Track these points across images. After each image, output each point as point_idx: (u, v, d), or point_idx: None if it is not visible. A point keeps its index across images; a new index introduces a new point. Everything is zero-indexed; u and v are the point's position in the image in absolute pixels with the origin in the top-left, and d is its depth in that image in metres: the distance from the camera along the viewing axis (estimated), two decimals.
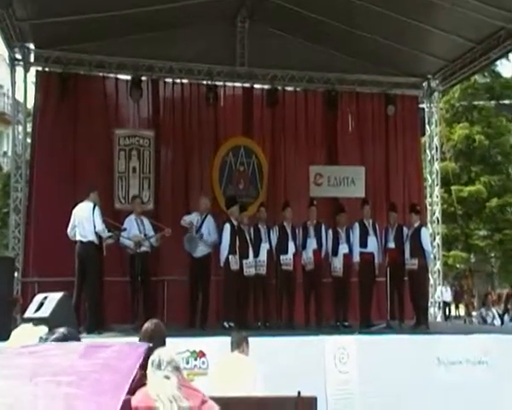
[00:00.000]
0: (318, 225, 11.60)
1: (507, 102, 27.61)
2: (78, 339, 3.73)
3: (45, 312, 8.45)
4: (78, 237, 9.95)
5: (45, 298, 8.83)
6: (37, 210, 12.29)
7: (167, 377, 3.39)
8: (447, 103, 26.54)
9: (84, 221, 9.88)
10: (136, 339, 5.22)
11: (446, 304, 23.89)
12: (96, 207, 9.94)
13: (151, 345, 3.10)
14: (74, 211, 10.09)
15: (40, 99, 12.87)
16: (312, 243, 11.41)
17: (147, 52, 13.08)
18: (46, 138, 12.66)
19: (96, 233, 9.86)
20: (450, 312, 23.87)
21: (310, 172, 13.98)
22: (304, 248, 11.44)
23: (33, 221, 12.30)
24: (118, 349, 2.45)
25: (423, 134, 15.46)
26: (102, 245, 9.99)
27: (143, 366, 3.76)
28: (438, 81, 14.79)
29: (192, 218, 11.22)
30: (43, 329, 4.33)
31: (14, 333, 4.33)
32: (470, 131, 26.22)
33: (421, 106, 15.21)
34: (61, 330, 3.87)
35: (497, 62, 24.26)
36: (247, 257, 11.00)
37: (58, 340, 3.56)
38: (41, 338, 4.20)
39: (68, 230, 10.04)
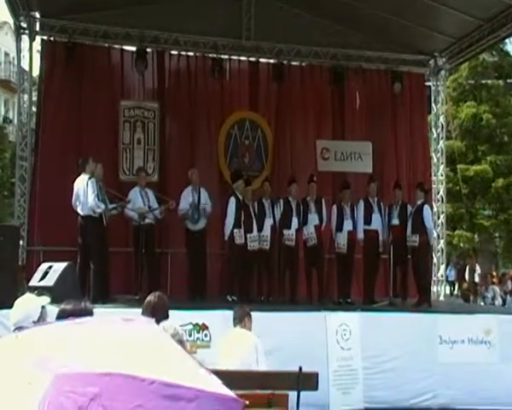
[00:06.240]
0: (319, 199, 11.57)
1: None
2: (92, 314, 3.72)
3: (50, 281, 8.52)
4: (78, 210, 9.92)
5: (50, 267, 8.89)
6: (43, 179, 12.27)
7: None
8: (454, 82, 26.35)
9: (81, 195, 9.82)
10: (139, 311, 5.23)
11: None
12: (90, 181, 9.79)
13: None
14: (75, 183, 10.06)
15: (45, 68, 12.82)
16: (314, 219, 11.39)
17: (152, 23, 12.97)
18: (51, 108, 12.62)
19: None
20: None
21: (316, 146, 13.91)
22: (305, 224, 11.42)
23: (38, 190, 12.28)
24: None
25: (429, 112, 15.35)
26: (103, 216, 9.89)
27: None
28: (445, 59, 14.66)
29: (186, 202, 11.10)
30: (46, 299, 4.33)
31: (17, 302, 4.33)
32: (477, 110, 26.04)
33: (427, 84, 15.10)
34: (82, 303, 3.85)
35: (506, 41, 24.08)
36: (252, 231, 10.99)
37: (75, 313, 3.54)
38: (43, 307, 4.19)
39: (72, 201, 10.03)
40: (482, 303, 20.14)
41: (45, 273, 8.81)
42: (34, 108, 13.33)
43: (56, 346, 1.92)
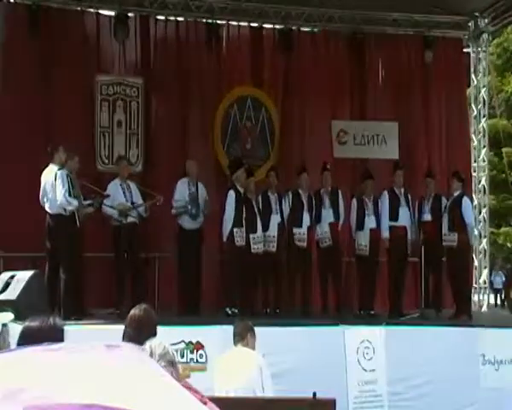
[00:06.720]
0: (334, 191, 11.58)
1: None
2: (63, 332, 3.75)
3: (12, 294, 8.51)
4: (46, 208, 9.93)
5: (12, 277, 8.90)
6: (2, 170, 12.25)
7: None
8: (499, 47, 26.34)
9: (49, 190, 9.82)
10: (121, 327, 5.25)
11: None
12: (60, 173, 9.78)
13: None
14: (42, 176, 10.06)
15: (6, 37, 12.78)
16: (328, 215, 11.42)
17: None
18: (13, 84, 12.58)
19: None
20: None
21: (332, 128, 13.93)
22: (318, 222, 11.43)
23: None
24: None
25: (468, 85, 15.34)
26: (75, 215, 9.90)
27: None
28: (487, 20, 14.62)
29: (182, 193, 11.16)
30: (7, 315, 4.35)
31: None
32: None
33: (466, 50, 15.08)
34: (50, 320, 3.86)
35: None
36: (255, 231, 11.01)
37: (42, 331, 3.56)
38: (4, 325, 4.22)
39: (40, 197, 10.03)
40: None
41: (6, 284, 8.82)
42: None
43: (29, 375, 1.95)
